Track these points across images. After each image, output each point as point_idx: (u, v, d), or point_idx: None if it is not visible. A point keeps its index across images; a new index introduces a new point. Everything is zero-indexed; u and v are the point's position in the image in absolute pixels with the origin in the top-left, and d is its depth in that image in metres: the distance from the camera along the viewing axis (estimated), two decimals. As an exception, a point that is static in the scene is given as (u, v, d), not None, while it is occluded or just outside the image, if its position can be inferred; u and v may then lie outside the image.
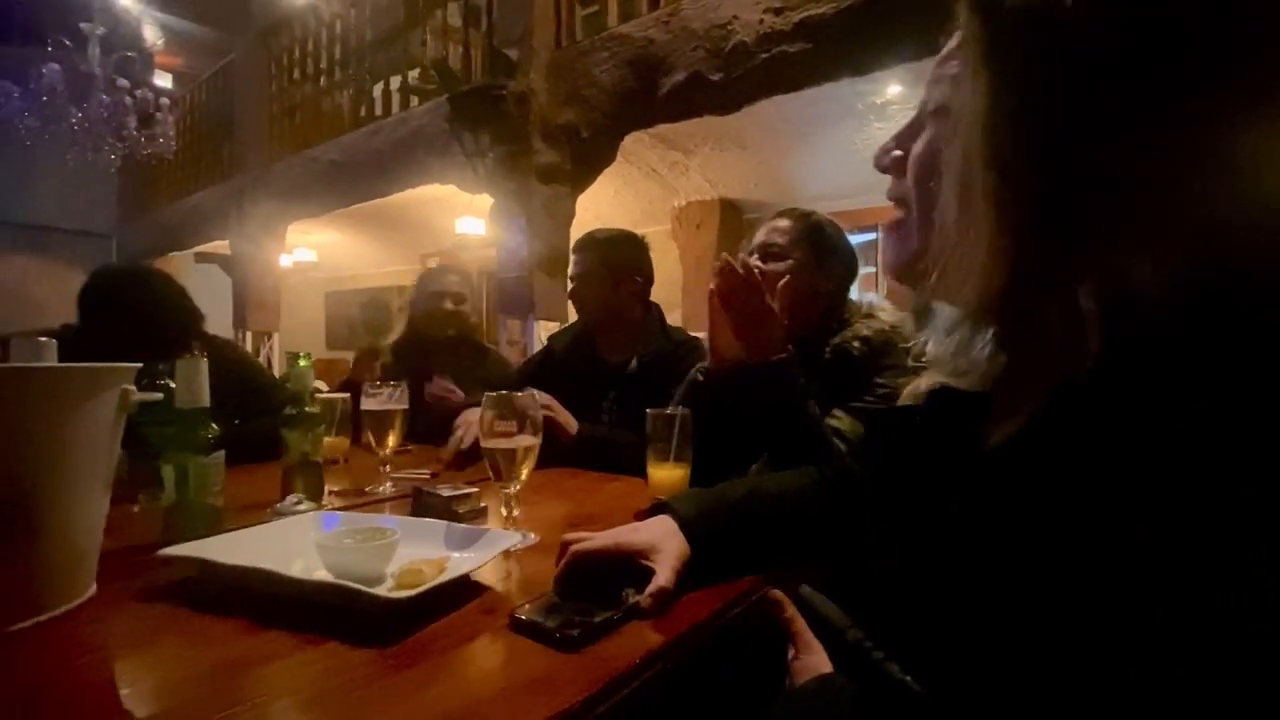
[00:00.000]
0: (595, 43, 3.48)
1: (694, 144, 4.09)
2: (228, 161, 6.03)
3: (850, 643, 0.55)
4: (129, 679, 0.52)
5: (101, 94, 4.10)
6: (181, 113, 6.33)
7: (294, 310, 6.72)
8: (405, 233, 6.18)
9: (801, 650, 0.59)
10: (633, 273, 1.66)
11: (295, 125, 5.38)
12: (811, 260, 1.23)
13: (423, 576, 0.63)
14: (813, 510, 0.79)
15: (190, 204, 6.45)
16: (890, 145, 0.52)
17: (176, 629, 0.60)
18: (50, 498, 0.59)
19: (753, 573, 0.73)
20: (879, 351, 1.13)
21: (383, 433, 1.21)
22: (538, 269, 3.67)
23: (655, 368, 1.56)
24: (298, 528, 0.79)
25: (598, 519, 0.99)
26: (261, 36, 5.61)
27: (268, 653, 0.54)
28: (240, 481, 0.98)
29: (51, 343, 0.67)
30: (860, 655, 0.53)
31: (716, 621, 0.64)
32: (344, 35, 4.88)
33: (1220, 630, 0.28)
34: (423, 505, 0.97)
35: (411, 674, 0.51)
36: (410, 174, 4.29)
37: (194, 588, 0.67)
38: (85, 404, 0.62)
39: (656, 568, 0.65)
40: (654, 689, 0.53)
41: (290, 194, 5.23)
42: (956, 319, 0.50)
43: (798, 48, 2.75)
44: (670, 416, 1.05)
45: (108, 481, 0.67)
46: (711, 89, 3.03)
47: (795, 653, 0.59)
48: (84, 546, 0.64)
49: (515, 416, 0.88)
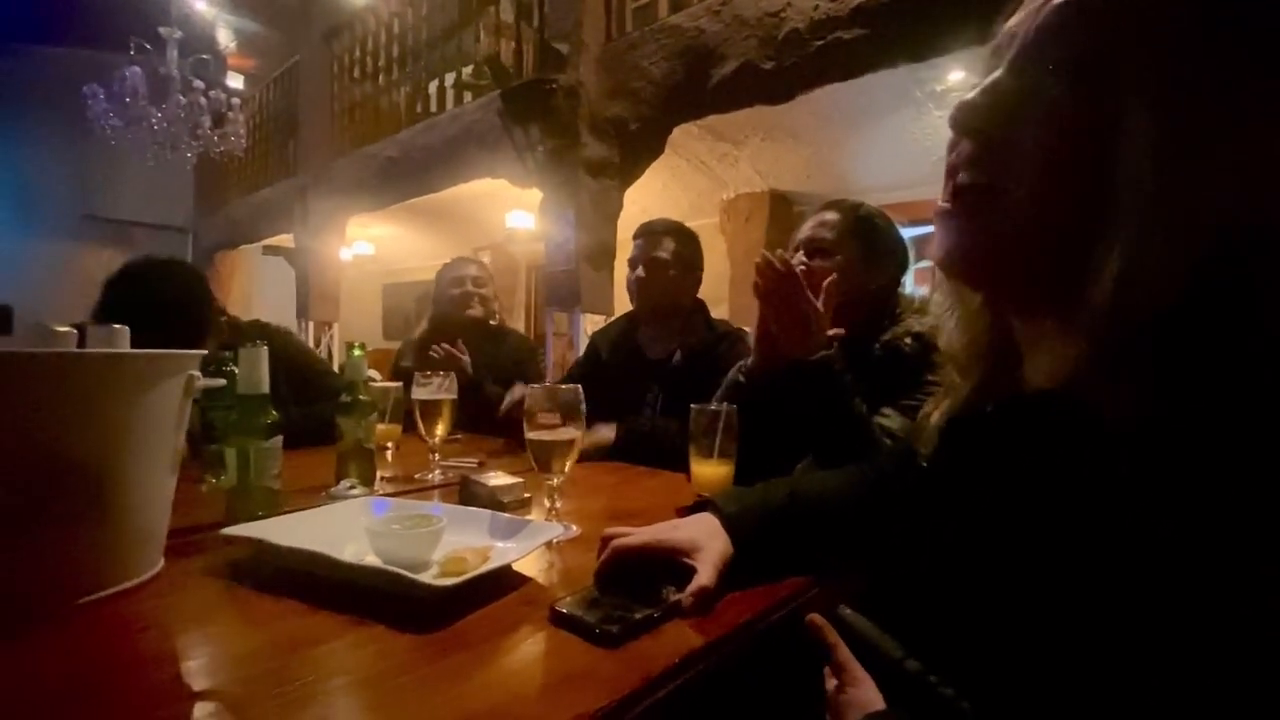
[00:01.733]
0: (645, 34, 3.46)
1: (744, 135, 4.02)
2: (293, 158, 6.29)
3: (911, 675, 0.47)
4: (187, 654, 0.55)
5: (179, 95, 4.33)
6: (250, 112, 6.63)
7: (353, 301, 6.96)
8: (458, 226, 6.32)
9: (848, 683, 0.51)
10: (699, 265, 1.72)
11: (355, 123, 5.56)
12: (861, 256, 1.18)
13: (466, 565, 0.64)
14: (858, 512, 0.76)
15: (258, 199, 6.76)
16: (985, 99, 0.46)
17: (234, 607, 0.63)
18: (120, 477, 0.63)
19: (796, 574, 0.71)
20: (932, 348, 1.08)
21: (432, 421, 1.23)
22: (584, 262, 3.69)
23: (699, 359, 1.56)
24: (350, 512, 0.81)
25: (639, 514, 0.98)
26: (324, 37, 5.81)
27: (318, 634, 0.56)
28: (297, 465, 1.02)
29: (125, 330, 0.70)
30: (925, 690, 0.46)
31: (758, 624, 0.62)
32: (401, 34, 5.01)
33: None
34: (469, 494, 0.98)
35: (453, 661, 0.52)
36: (463, 168, 4.37)
37: (252, 567, 0.69)
38: (154, 388, 0.65)
39: (698, 566, 0.64)
40: (693, 690, 0.53)
41: (350, 189, 5.42)
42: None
43: (853, 34, 2.66)
44: (714, 412, 1.03)
45: (175, 462, 0.70)
46: (763, 78, 2.97)
47: (840, 685, 0.52)
48: (151, 525, 0.68)
49: (559, 408, 0.88)
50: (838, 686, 0.51)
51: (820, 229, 1.21)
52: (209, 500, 0.96)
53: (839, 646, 0.53)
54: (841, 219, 1.21)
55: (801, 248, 1.21)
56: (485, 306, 2.10)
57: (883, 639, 0.51)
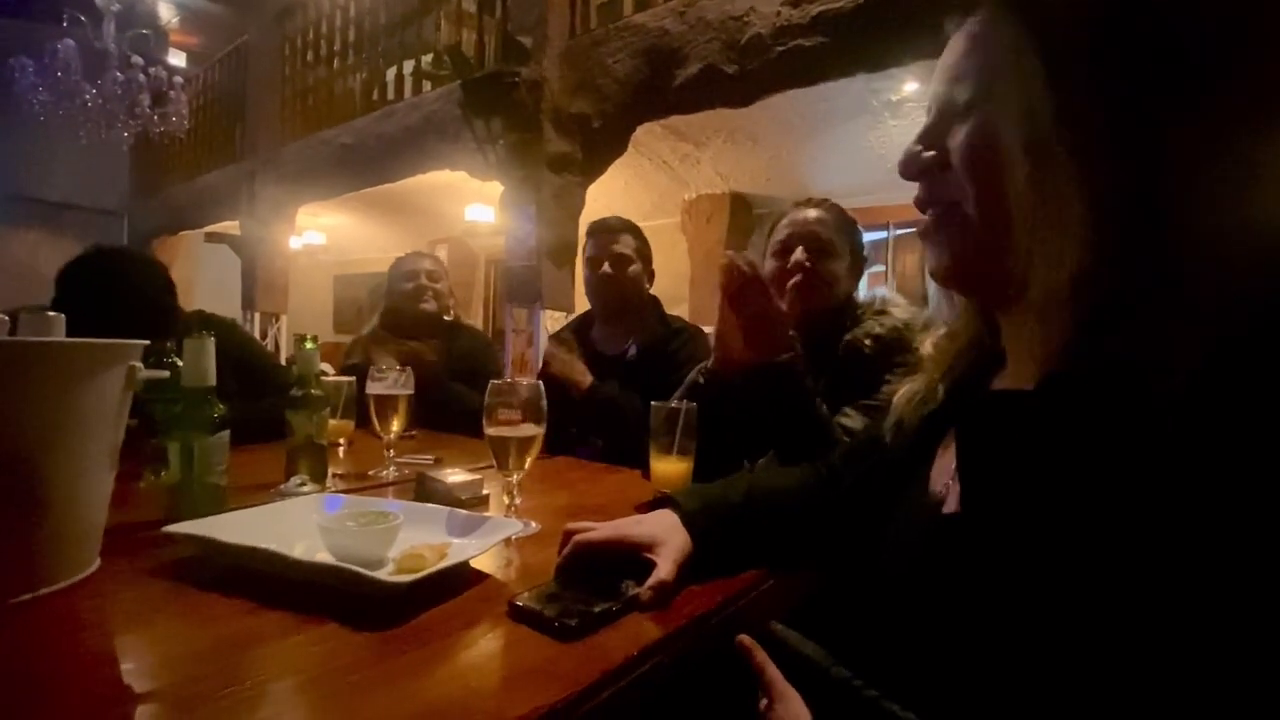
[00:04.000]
0: (609, 32, 3.45)
1: (706, 136, 4.06)
2: (239, 142, 6.03)
3: (835, 681, 0.49)
4: (129, 655, 0.53)
5: (115, 71, 4.10)
6: (194, 92, 6.34)
7: (302, 292, 6.74)
8: (415, 218, 6.18)
9: (775, 699, 0.52)
10: (652, 260, 1.76)
11: (307, 108, 5.38)
12: (850, 253, 1.23)
13: (424, 561, 0.63)
14: (810, 508, 0.78)
15: (201, 184, 6.46)
16: (917, 148, 0.52)
17: (178, 606, 0.60)
18: (55, 471, 0.60)
19: (753, 569, 0.73)
20: (890, 349, 1.12)
21: (387, 417, 1.21)
22: (546, 258, 3.66)
23: (653, 354, 1.59)
24: (301, 509, 0.79)
25: (599, 510, 0.99)
26: (276, 18, 5.60)
27: (268, 633, 0.54)
28: (245, 462, 0.98)
29: (60, 317, 0.67)
30: (849, 695, 0.47)
31: (715, 616, 0.64)
32: (358, 18, 4.87)
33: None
34: (425, 491, 0.97)
35: (410, 659, 0.51)
36: (421, 159, 4.28)
37: (196, 566, 0.67)
38: (92, 379, 0.62)
39: (658, 561, 0.65)
40: (651, 682, 0.53)
41: (301, 176, 5.24)
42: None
43: (814, 42, 2.72)
44: (674, 410, 1.04)
45: (113, 457, 0.67)
46: (725, 81, 3.00)
47: (768, 702, 0.53)
48: (88, 521, 0.65)
49: (520, 405, 0.87)
50: (767, 705, 0.53)
51: (815, 226, 1.22)
52: (148, 497, 0.92)
53: (766, 666, 0.55)
54: (832, 217, 1.24)
55: (799, 244, 1.21)
56: (439, 301, 2.07)
57: (814, 650, 0.53)
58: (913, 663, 0.47)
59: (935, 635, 0.46)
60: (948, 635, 0.45)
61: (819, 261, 1.20)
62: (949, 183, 0.49)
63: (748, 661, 0.56)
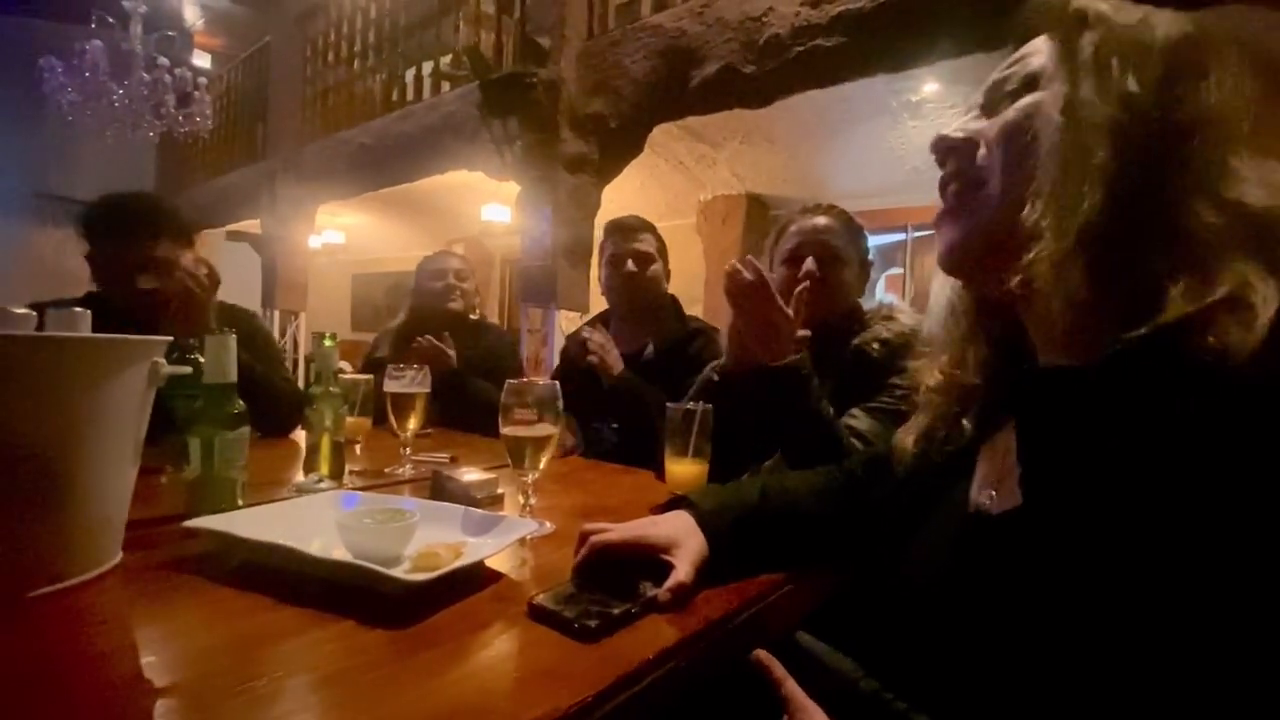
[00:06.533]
0: (627, 33, 3.45)
1: (723, 137, 4.05)
2: (261, 142, 6.11)
3: (865, 694, 0.48)
4: (149, 648, 0.53)
5: (142, 72, 4.17)
6: (218, 93, 6.43)
7: (321, 291, 6.81)
8: (432, 218, 6.22)
9: (796, 713, 0.51)
10: (668, 260, 1.77)
11: (327, 108, 5.43)
12: (858, 259, 1.24)
13: (439, 560, 0.63)
14: (829, 513, 0.77)
15: (224, 183, 6.55)
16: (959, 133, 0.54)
17: (197, 601, 0.61)
18: (78, 466, 0.60)
19: (770, 572, 0.72)
20: (897, 353, 1.12)
21: (404, 415, 1.21)
22: (562, 258, 3.66)
23: (672, 353, 1.59)
24: (318, 506, 0.79)
25: (613, 511, 0.98)
26: (297, 20, 5.66)
27: (284, 629, 0.55)
28: (263, 459, 0.99)
29: (86, 313, 0.68)
30: (879, 708, 0.46)
31: (733, 620, 0.63)
32: (378, 20, 4.91)
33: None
34: (441, 489, 0.97)
35: (425, 658, 0.51)
36: (439, 159, 4.30)
37: (216, 560, 0.68)
38: (116, 375, 0.63)
39: (676, 563, 0.65)
40: (669, 687, 0.53)
41: (320, 176, 5.29)
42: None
43: (834, 41, 2.70)
44: (689, 411, 1.04)
45: (136, 452, 0.68)
46: (743, 82, 2.99)
47: (789, 718, 0.52)
48: (110, 515, 0.65)
49: (536, 405, 0.87)
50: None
51: (824, 235, 1.23)
52: (169, 492, 0.93)
53: (785, 680, 0.54)
54: (841, 225, 1.24)
55: (809, 253, 1.21)
56: (466, 300, 2.09)
57: (840, 661, 0.52)
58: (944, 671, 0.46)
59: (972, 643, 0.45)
60: (987, 642, 0.44)
61: (829, 270, 1.20)
62: (978, 161, 0.51)
63: (765, 677, 0.55)
